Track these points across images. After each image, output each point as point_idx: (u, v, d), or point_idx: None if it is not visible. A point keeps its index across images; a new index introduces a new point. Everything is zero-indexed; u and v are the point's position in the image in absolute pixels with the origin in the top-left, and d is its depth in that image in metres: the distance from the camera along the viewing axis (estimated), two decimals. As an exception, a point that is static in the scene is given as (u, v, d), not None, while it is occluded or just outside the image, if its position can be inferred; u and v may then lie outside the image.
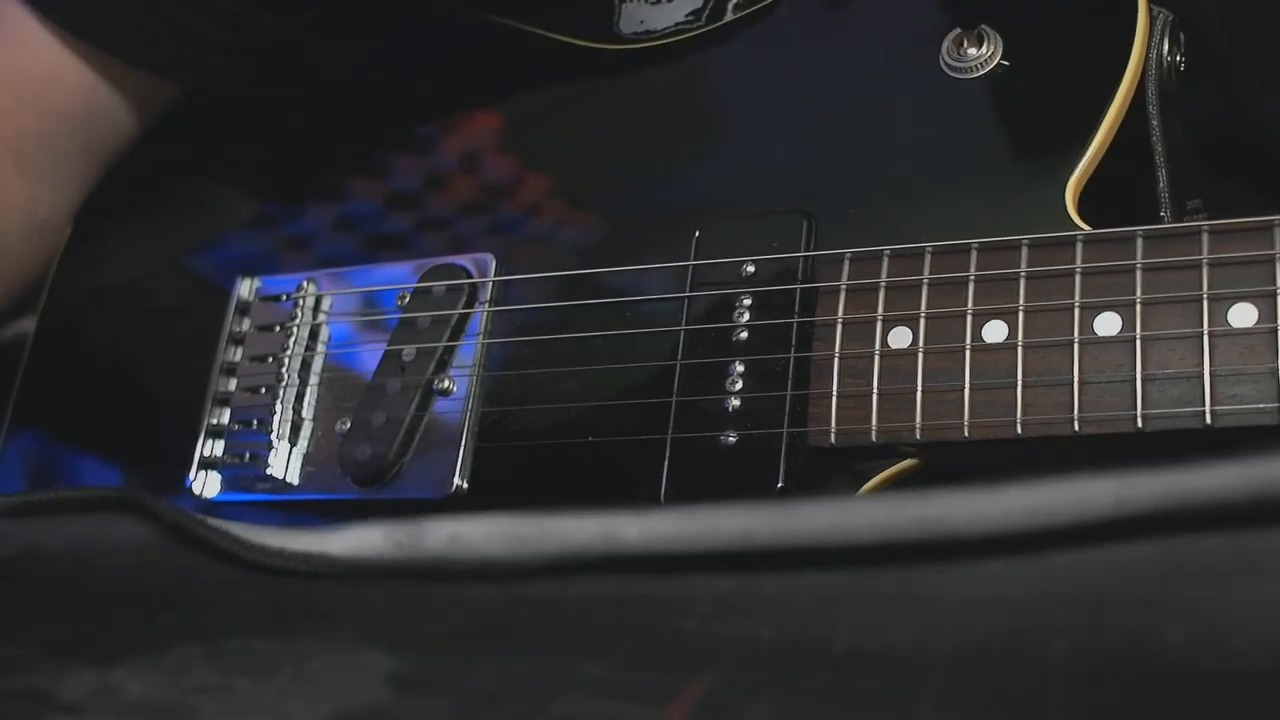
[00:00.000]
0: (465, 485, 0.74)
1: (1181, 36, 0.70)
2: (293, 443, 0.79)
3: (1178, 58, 0.70)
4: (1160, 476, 0.39)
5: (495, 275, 0.78)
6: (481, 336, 0.76)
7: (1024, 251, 0.65)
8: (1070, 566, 0.40)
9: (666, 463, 0.70)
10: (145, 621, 0.51)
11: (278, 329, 0.82)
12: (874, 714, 0.36)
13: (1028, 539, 0.40)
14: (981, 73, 0.71)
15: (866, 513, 0.42)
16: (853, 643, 0.40)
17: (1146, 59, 0.68)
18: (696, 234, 0.73)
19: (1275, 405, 0.58)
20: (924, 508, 0.41)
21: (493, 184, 0.82)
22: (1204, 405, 0.59)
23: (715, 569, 0.43)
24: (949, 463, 0.66)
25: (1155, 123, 0.68)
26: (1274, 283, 0.60)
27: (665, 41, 0.81)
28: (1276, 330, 0.59)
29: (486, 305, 0.77)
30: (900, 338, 0.66)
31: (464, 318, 0.77)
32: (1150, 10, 0.69)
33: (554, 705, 0.38)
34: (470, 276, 0.78)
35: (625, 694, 0.38)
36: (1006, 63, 0.70)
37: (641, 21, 0.85)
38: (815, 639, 0.40)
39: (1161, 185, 0.68)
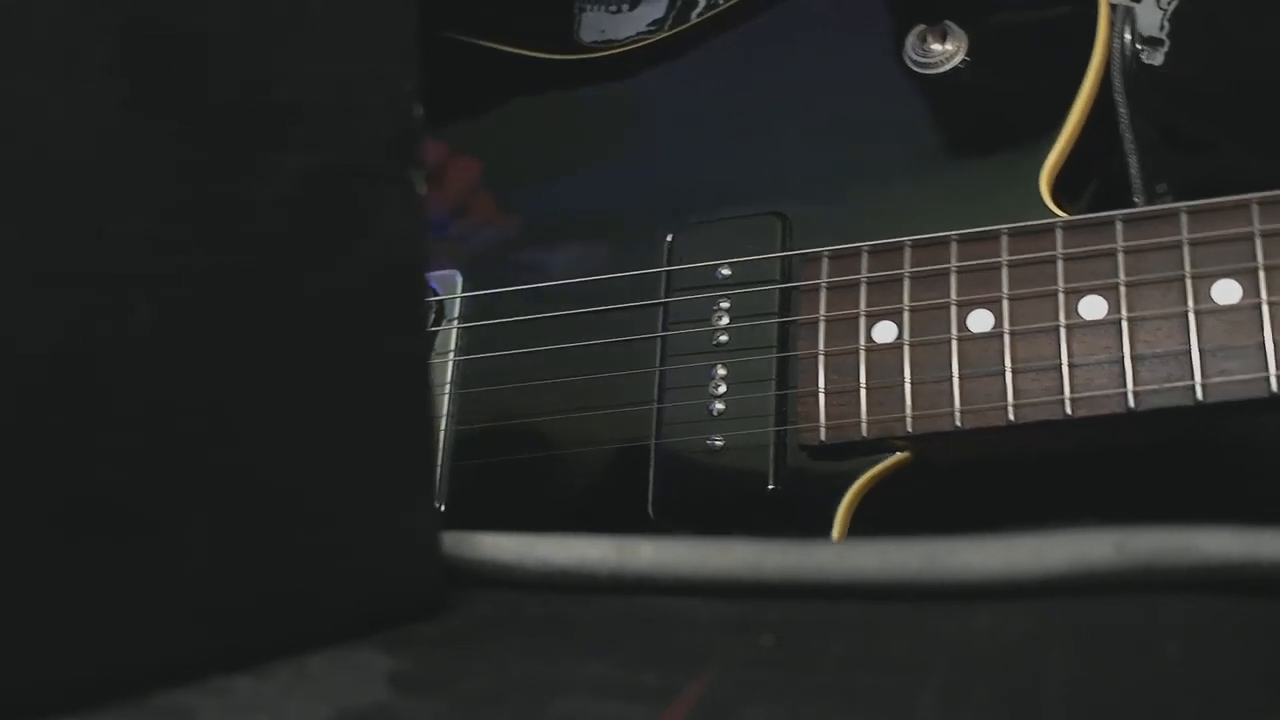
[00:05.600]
0: (442, 507, 0.73)
1: (1139, 28, 0.71)
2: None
3: (1139, 46, 0.71)
4: (1159, 533, 0.40)
5: (463, 291, 0.77)
6: (453, 354, 0.75)
7: (1004, 240, 0.65)
8: (1067, 612, 0.41)
9: (652, 470, 0.69)
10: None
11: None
12: (874, 714, 0.36)
13: (1030, 584, 0.41)
14: (947, 67, 0.71)
15: (877, 553, 0.43)
16: (852, 649, 0.40)
17: (1110, 47, 0.69)
18: (669, 239, 0.73)
19: (1263, 377, 0.59)
20: (933, 550, 0.42)
21: (451, 199, 0.81)
22: (1194, 380, 0.60)
23: (723, 595, 0.44)
24: (940, 456, 0.65)
25: (1123, 110, 0.69)
26: (1255, 259, 0.60)
27: (624, 49, 0.80)
28: (1260, 305, 0.60)
29: (456, 322, 0.76)
30: (885, 332, 0.65)
31: (432, 335, 0.76)
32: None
33: (554, 705, 0.37)
34: (436, 294, 0.77)
35: (625, 694, 0.38)
36: (970, 58, 0.71)
37: (603, 30, 0.85)
38: (815, 644, 0.40)
39: (1134, 171, 0.69)
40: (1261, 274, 0.60)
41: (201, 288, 0.39)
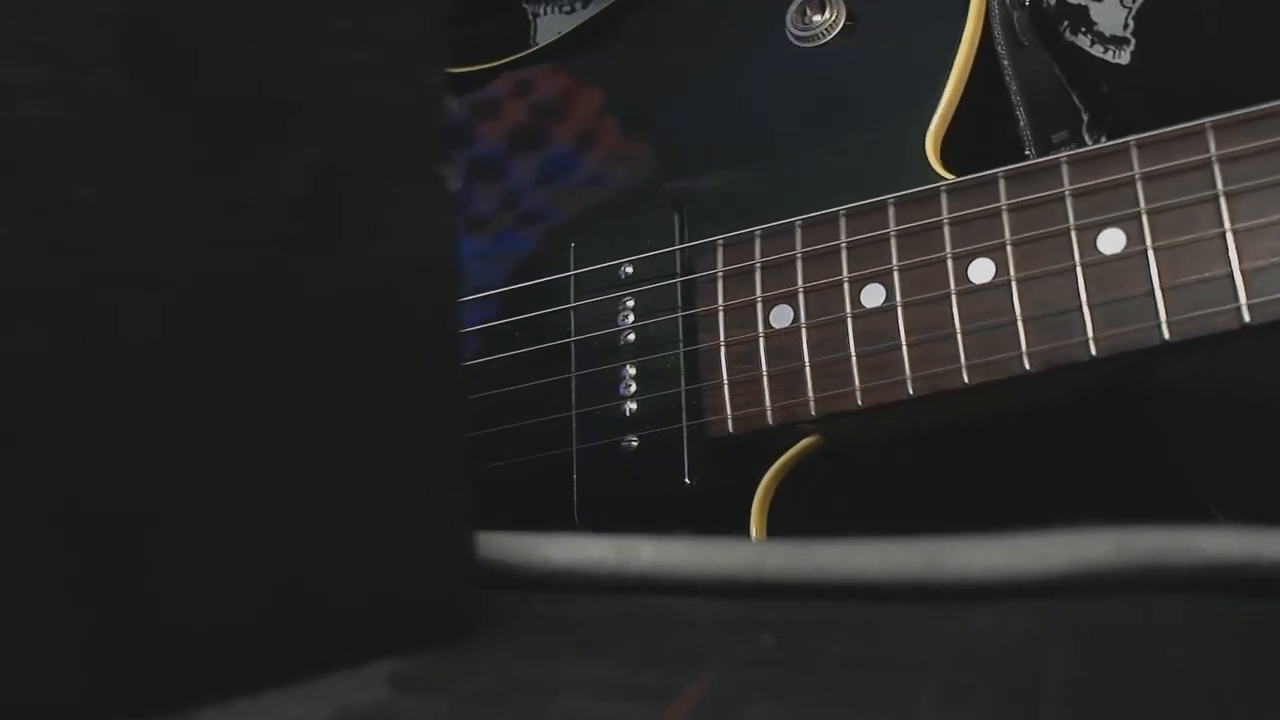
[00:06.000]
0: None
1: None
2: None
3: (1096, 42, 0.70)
4: (1159, 533, 0.40)
5: None
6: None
7: (891, 211, 0.64)
8: (1067, 612, 0.41)
9: (575, 475, 0.69)
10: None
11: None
12: (874, 714, 0.36)
13: (1030, 584, 0.41)
14: (829, 38, 0.70)
15: (877, 553, 0.43)
16: (852, 649, 0.40)
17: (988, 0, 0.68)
18: (573, 245, 0.72)
19: (1154, 325, 0.58)
20: (933, 550, 0.42)
21: None
22: (1087, 335, 0.59)
23: (724, 595, 0.44)
24: (850, 435, 0.65)
25: (1006, 63, 0.68)
26: (1138, 204, 0.59)
27: (519, 55, 0.80)
28: (1146, 251, 0.59)
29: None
30: (782, 316, 0.65)
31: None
32: None
33: (554, 705, 0.37)
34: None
35: (625, 694, 0.38)
36: (852, 23, 0.70)
37: (559, 33, 0.84)
38: (815, 644, 0.40)
39: (1022, 124, 0.68)
40: (1145, 219, 0.59)
41: (203, 288, 0.38)
